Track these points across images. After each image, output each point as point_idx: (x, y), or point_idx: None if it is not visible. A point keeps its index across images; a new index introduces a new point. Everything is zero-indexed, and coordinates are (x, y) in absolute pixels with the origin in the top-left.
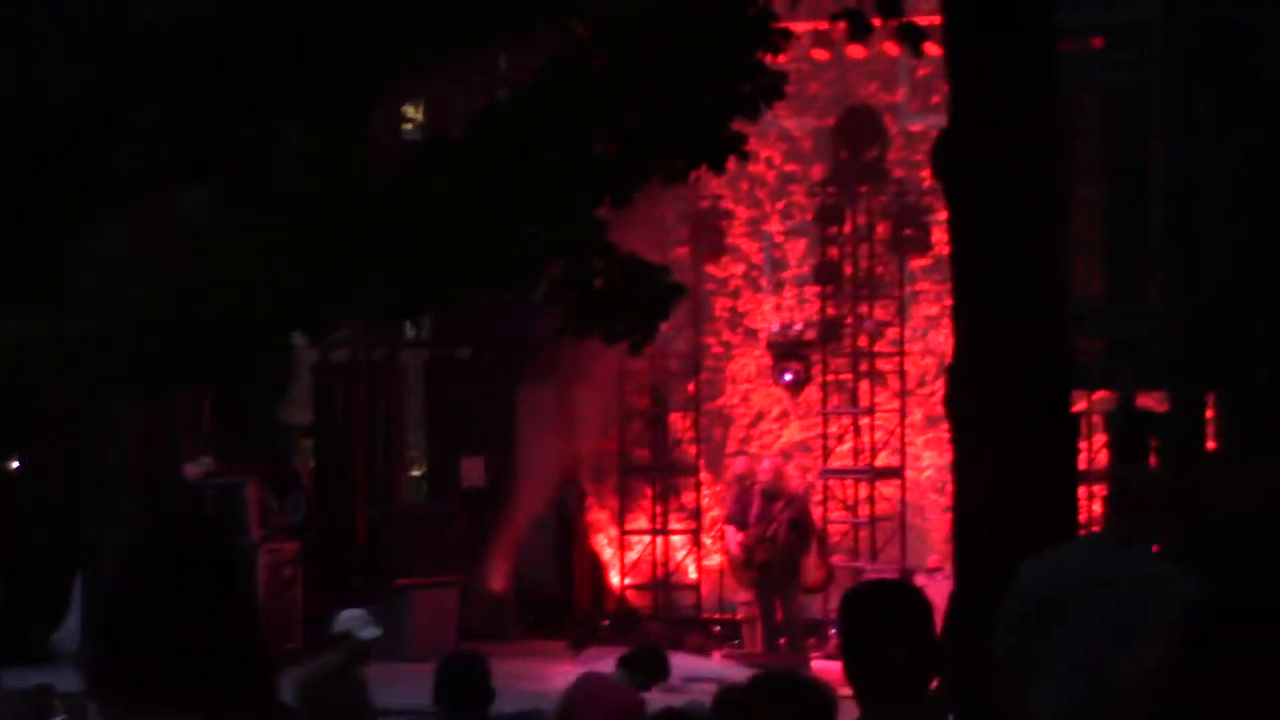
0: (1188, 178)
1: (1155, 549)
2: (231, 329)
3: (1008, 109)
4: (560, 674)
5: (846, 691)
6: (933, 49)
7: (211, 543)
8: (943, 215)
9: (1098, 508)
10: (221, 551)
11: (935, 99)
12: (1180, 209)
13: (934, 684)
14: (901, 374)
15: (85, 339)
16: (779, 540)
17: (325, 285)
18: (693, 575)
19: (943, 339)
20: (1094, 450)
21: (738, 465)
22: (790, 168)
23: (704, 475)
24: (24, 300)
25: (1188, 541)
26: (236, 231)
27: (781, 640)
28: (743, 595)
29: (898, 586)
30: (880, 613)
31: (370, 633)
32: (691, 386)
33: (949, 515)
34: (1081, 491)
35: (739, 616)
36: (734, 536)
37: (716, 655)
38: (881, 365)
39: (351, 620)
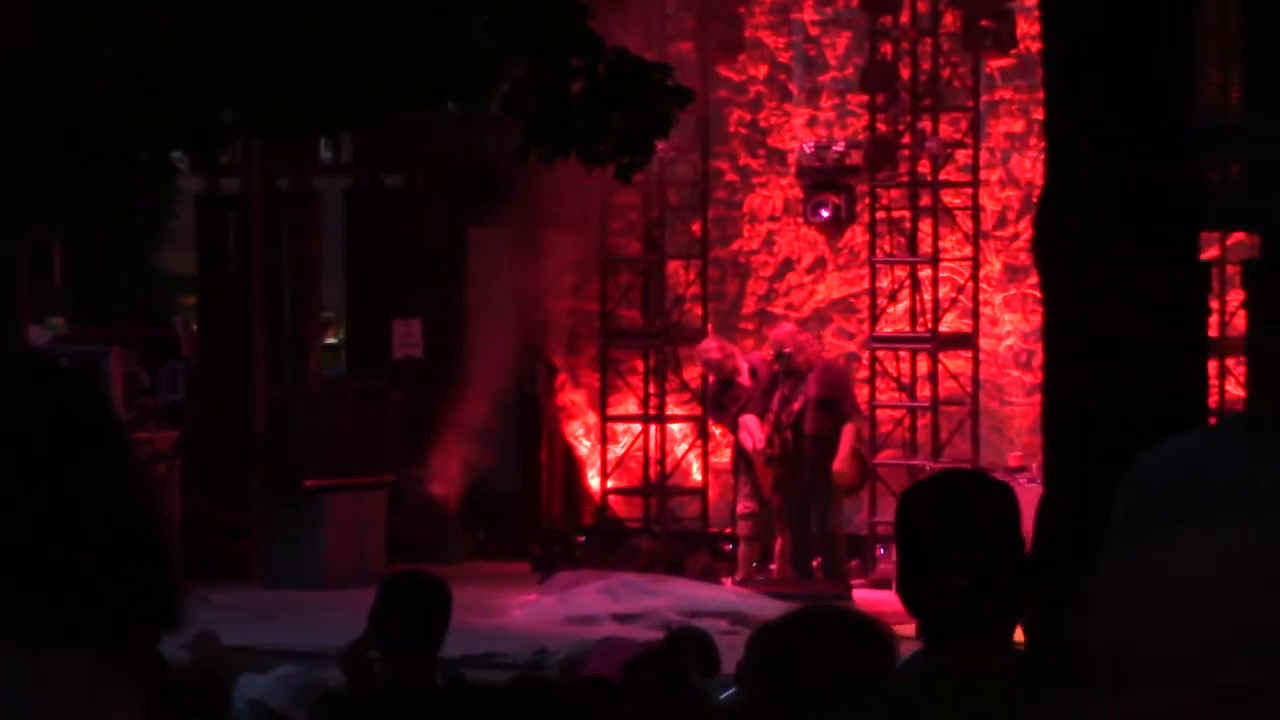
0: None
1: None
2: (88, 141)
3: None
4: (521, 605)
5: (907, 629)
6: None
7: (88, 421)
8: (1031, 0)
9: (1234, 387)
10: (102, 432)
11: None
12: None
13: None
14: (975, 211)
15: None
16: (806, 428)
17: (215, 85)
18: (697, 477)
19: (1029, 165)
20: (1228, 311)
21: (778, 331)
22: None
23: (713, 343)
24: None
25: None
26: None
27: (816, 562)
28: (743, 504)
29: (965, 485)
30: (941, 524)
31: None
32: (697, 226)
33: (1036, 398)
34: (1212, 366)
35: (740, 532)
36: (756, 428)
37: (728, 582)
38: (949, 199)
39: (258, 688)
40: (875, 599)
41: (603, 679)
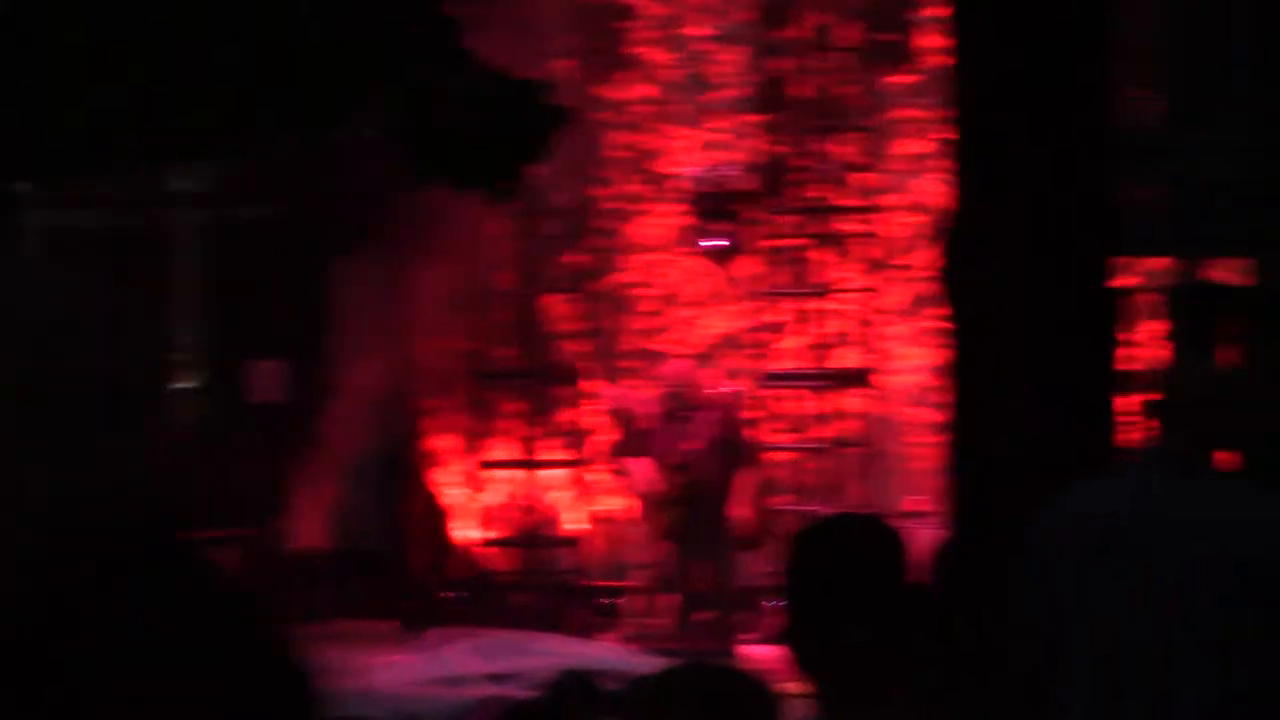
0: None
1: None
2: None
3: None
4: (388, 665)
5: (796, 687)
6: None
7: None
8: (933, 12)
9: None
10: None
11: None
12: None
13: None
14: (873, 239)
15: None
16: (703, 472)
17: (58, 107)
18: (576, 527)
19: (933, 188)
20: (1148, 341)
21: (669, 367)
22: None
23: (592, 383)
24: None
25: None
26: None
27: (705, 616)
28: (647, 554)
29: (861, 530)
30: (834, 572)
31: None
32: (576, 257)
33: (938, 438)
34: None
35: (638, 584)
36: (642, 470)
37: (607, 638)
38: (845, 226)
39: None
40: (765, 654)
41: None
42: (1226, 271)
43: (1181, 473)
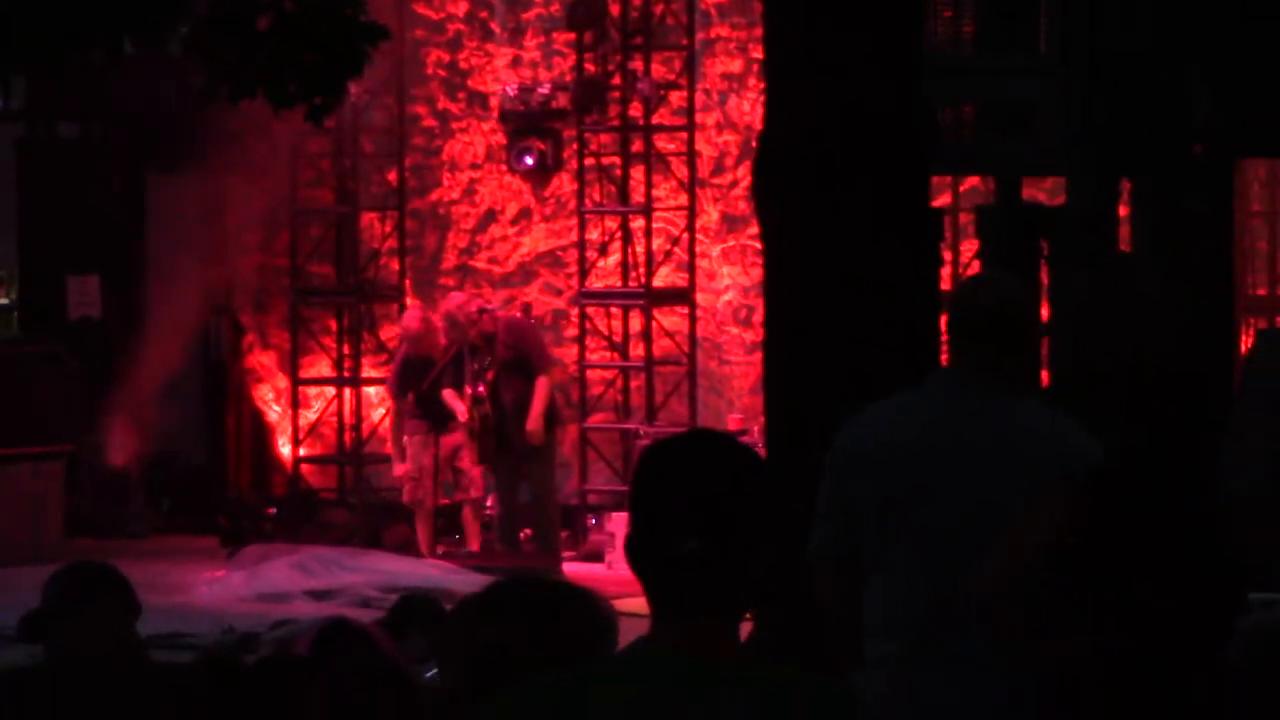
0: None
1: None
2: None
3: None
4: (209, 581)
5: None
6: None
7: None
8: None
9: None
10: None
11: None
12: None
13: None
14: (691, 157)
15: None
16: (504, 396)
17: None
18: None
19: (748, 107)
20: (961, 261)
21: (449, 301)
22: None
23: (410, 300)
24: None
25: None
26: None
27: (525, 533)
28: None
29: (703, 444)
30: (672, 483)
31: None
32: (394, 175)
33: (757, 357)
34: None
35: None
36: (455, 401)
37: (429, 557)
38: (662, 144)
39: None
40: (587, 572)
41: (296, 658)
42: (1036, 191)
43: (975, 391)
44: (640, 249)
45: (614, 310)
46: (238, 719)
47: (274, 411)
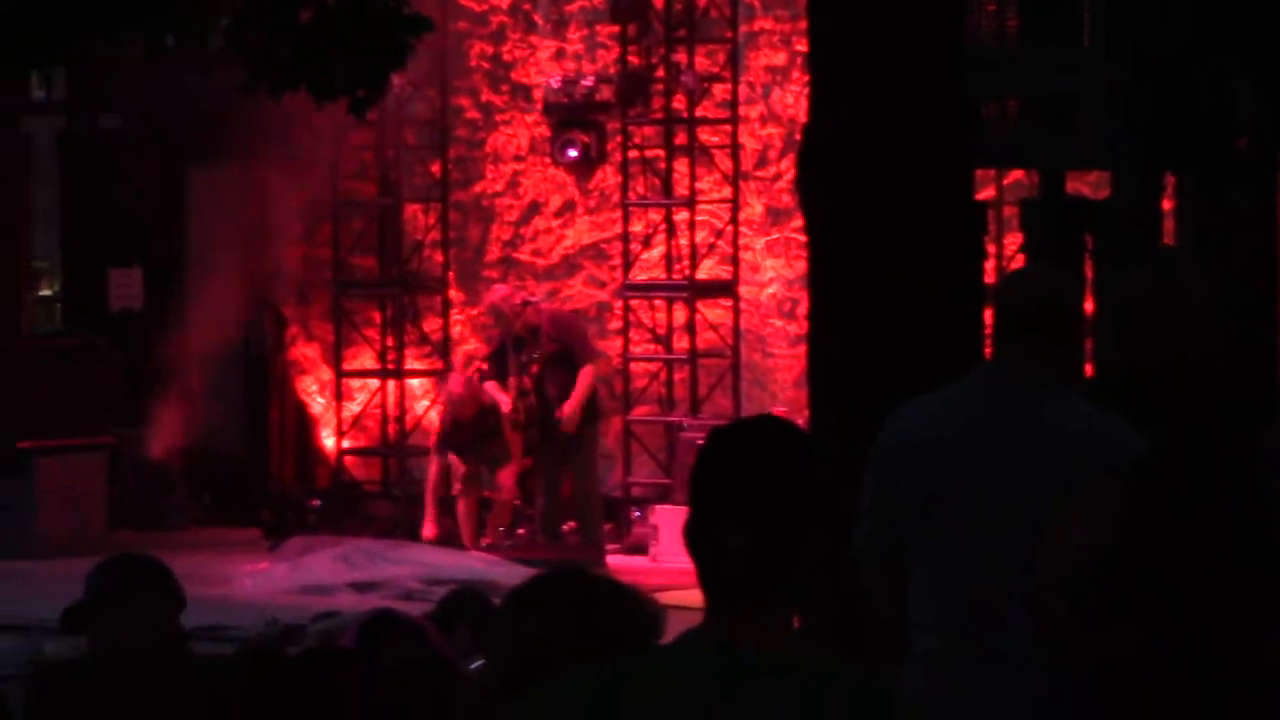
0: None
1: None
2: None
3: None
4: (251, 574)
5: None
6: None
7: None
8: None
9: None
10: None
11: None
12: None
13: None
14: (734, 149)
15: None
16: (548, 389)
17: None
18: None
19: (792, 100)
20: (1005, 255)
21: (494, 294)
22: None
23: (454, 293)
24: None
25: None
26: None
27: (568, 526)
28: (504, 474)
29: (756, 433)
30: (722, 474)
31: None
32: (436, 167)
33: (801, 349)
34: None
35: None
36: (499, 393)
37: (471, 549)
38: (706, 137)
39: None
40: (630, 565)
41: (340, 650)
42: (1080, 185)
43: (1019, 385)
44: (684, 242)
45: (658, 303)
46: (281, 711)
47: (317, 404)
